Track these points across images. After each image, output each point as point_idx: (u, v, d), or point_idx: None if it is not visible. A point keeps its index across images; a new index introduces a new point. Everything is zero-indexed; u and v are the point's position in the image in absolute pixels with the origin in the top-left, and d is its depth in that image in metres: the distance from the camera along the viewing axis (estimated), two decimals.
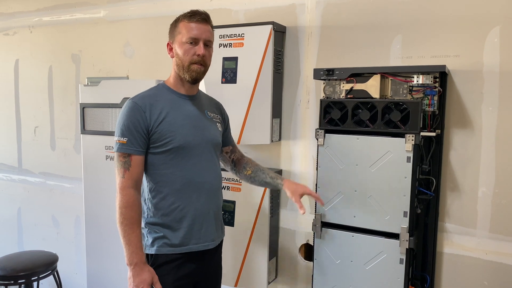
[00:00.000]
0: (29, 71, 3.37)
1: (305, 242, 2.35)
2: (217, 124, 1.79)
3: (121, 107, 1.63)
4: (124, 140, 1.55)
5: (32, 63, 3.34)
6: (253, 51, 2.20)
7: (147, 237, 1.63)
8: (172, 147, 1.58)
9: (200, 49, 1.60)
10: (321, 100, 1.92)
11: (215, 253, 1.76)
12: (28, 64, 3.37)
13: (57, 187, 3.30)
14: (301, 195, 1.77)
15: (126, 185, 1.54)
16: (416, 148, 1.73)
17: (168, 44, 1.68)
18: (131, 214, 1.53)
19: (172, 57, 1.66)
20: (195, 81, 1.66)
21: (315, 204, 1.94)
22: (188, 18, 1.63)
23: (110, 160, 2.49)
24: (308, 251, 2.36)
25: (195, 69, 1.61)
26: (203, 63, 1.63)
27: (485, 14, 1.86)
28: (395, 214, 1.77)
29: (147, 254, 1.60)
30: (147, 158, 1.60)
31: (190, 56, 1.60)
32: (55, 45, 3.20)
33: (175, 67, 1.66)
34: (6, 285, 2.50)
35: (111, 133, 2.29)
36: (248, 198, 2.29)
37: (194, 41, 1.60)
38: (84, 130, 2.58)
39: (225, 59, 2.26)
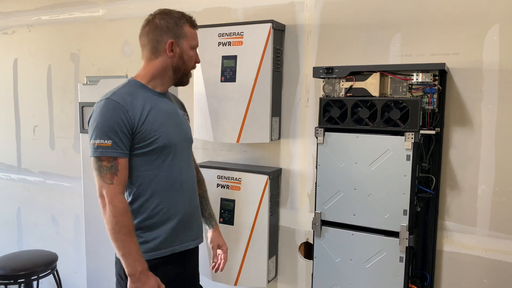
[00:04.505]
0: (28, 70, 3.36)
1: (304, 240, 2.35)
2: (188, 121, 1.76)
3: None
4: (109, 142, 1.44)
5: (31, 62, 3.33)
6: (252, 50, 2.19)
7: None
8: (156, 146, 1.53)
9: (198, 56, 1.66)
10: (320, 99, 1.92)
11: (194, 252, 1.73)
12: (27, 63, 3.36)
13: (56, 187, 3.30)
14: (218, 248, 1.86)
15: (117, 191, 1.44)
16: (416, 146, 1.73)
17: (171, 42, 1.57)
18: (128, 221, 1.45)
19: (172, 56, 1.58)
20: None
21: (315, 202, 1.94)
22: (191, 23, 1.62)
23: None
24: (308, 250, 2.36)
25: (191, 75, 1.67)
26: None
27: (484, 12, 1.85)
28: (395, 212, 1.76)
29: None
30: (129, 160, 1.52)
31: (192, 63, 1.64)
32: (54, 44, 3.20)
33: (166, 67, 1.59)
34: (5, 284, 2.50)
35: None
36: (247, 197, 2.29)
37: (195, 48, 1.64)
38: (83, 129, 2.58)
39: (224, 57, 2.26)
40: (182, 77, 1.63)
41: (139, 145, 1.50)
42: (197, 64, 1.70)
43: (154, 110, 1.54)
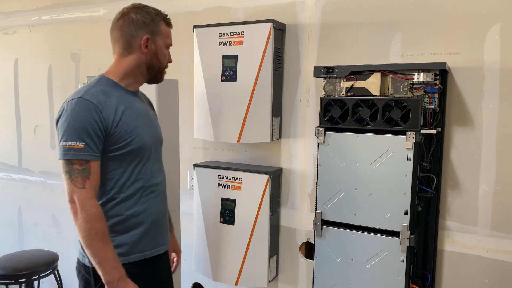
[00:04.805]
0: (28, 70, 3.37)
1: (305, 240, 2.35)
2: (157, 121, 1.70)
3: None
4: (81, 144, 1.35)
5: (31, 62, 3.34)
6: (253, 49, 2.19)
7: None
8: (130, 149, 1.46)
9: (170, 56, 1.61)
10: (321, 98, 1.91)
11: (164, 256, 1.66)
12: (27, 63, 3.36)
13: (57, 186, 3.30)
14: (173, 251, 1.81)
15: (89, 196, 1.36)
16: (417, 146, 1.73)
17: (146, 38, 1.50)
18: (102, 227, 1.37)
19: (146, 53, 1.51)
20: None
21: (316, 202, 1.94)
22: (166, 22, 1.58)
23: None
24: (308, 250, 2.36)
25: (165, 73, 1.62)
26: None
27: (485, 11, 1.85)
28: (396, 212, 1.76)
29: (93, 268, 1.41)
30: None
31: (166, 61, 1.60)
32: (54, 44, 3.20)
33: (140, 64, 1.52)
34: (6, 284, 2.50)
35: None
36: (248, 197, 2.28)
37: (169, 47, 1.61)
38: None
39: (224, 57, 2.26)
40: (156, 75, 1.58)
41: (112, 147, 1.43)
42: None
43: (128, 110, 1.47)
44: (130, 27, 1.50)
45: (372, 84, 1.84)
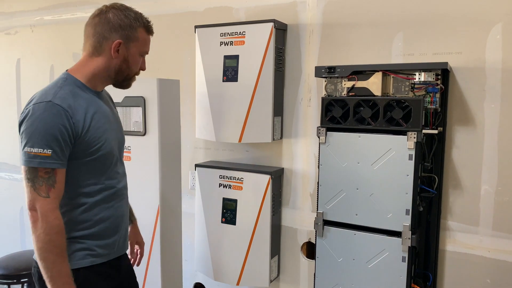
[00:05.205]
0: (30, 70, 3.37)
1: (307, 240, 2.35)
2: (120, 119, 1.63)
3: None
4: (48, 152, 1.27)
5: (33, 62, 3.34)
6: (254, 49, 2.19)
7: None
8: (99, 155, 1.39)
9: (144, 64, 1.53)
10: (322, 98, 1.91)
11: (125, 255, 1.63)
12: (29, 63, 3.37)
13: None
14: (136, 244, 1.77)
15: (53, 206, 1.29)
16: (418, 145, 1.72)
17: (118, 43, 1.41)
18: (61, 241, 1.30)
19: (116, 57, 1.42)
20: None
21: (317, 202, 1.94)
22: (146, 29, 1.48)
23: None
24: (310, 250, 2.36)
25: (134, 79, 1.53)
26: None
27: (487, 11, 1.85)
28: (397, 212, 1.76)
29: None
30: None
31: (137, 69, 1.50)
32: (56, 44, 3.20)
33: (108, 68, 1.43)
34: (9, 284, 2.51)
35: None
36: (249, 197, 2.29)
37: (144, 55, 1.51)
38: None
39: (226, 57, 2.26)
40: (123, 81, 1.49)
41: (81, 153, 1.36)
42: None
43: (98, 114, 1.40)
44: (104, 27, 1.41)
45: (374, 84, 1.84)
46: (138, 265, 1.77)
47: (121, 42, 1.41)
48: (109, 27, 1.40)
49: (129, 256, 1.76)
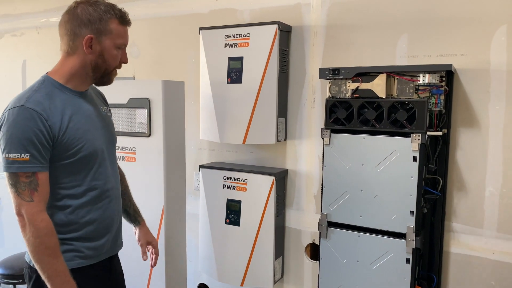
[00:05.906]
0: (36, 71, 3.39)
1: (311, 241, 2.35)
2: (111, 118, 1.60)
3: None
4: (26, 156, 1.26)
5: (39, 63, 3.36)
6: (259, 51, 2.20)
7: None
8: (81, 156, 1.37)
9: (125, 56, 1.47)
10: (326, 100, 1.92)
11: (116, 257, 1.62)
12: (35, 65, 3.39)
13: None
14: (148, 244, 1.73)
15: (38, 209, 1.28)
16: (423, 147, 1.72)
17: (89, 38, 1.35)
18: (53, 241, 1.30)
19: (89, 53, 1.37)
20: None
21: (321, 204, 1.94)
22: (120, 20, 1.41)
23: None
24: (314, 251, 2.36)
25: (115, 74, 1.48)
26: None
27: (492, 12, 1.85)
28: (402, 214, 1.76)
29: None
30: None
31: (116, 63, 1.45)
32: None
33: (85, 65, 1.39)
34: (14, 284, 2.53)
35: (117, 133, 2.30)
36: (253, 198, 2.29)
37: (122, 47, 1.45)
38: None
39: (230, 59, 2.27)
40: (102, 77, 1.44)
41: (61, 155, 1.34)
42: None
43: (76, 115, 1.37)
44: (73, 24, 1.36)
45: (378, 86, 1.84)
46: (155, 264, 1.76)
47: (93, 37, 1.36)
48: (78, 23, 1.36)
49: (142, 258, 1.75)
